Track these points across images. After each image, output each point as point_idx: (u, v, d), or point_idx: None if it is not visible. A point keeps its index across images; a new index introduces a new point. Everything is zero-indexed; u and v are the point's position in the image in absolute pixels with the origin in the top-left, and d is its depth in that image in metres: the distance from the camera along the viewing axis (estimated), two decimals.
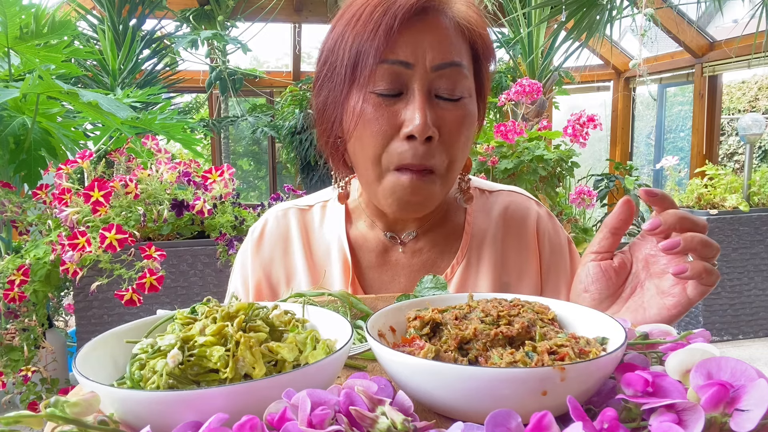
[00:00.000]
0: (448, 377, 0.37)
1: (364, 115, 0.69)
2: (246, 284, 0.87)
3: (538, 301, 0.53)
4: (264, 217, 0.89)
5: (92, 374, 0.40)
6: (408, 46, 0.68)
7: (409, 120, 0.67)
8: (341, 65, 0.70)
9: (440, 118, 0.69)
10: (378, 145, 0.69)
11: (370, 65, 0.67)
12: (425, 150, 0.68)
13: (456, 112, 0.70)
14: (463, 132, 0.71)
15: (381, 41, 0.66)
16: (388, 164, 0.70)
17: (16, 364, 1.81)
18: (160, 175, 1.97)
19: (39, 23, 1.98)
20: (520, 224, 0.86)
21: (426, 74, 0.68)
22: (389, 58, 0.67)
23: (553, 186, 2.78)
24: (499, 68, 5.23)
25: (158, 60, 4.39)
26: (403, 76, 0.68)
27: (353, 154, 0.75)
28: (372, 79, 0.68)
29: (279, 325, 0.49)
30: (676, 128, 6.63)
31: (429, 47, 0.68)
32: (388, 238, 0.84)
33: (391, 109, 0.69)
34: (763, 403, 0.32)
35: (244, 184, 7.12)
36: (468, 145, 0.74)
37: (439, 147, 0.69)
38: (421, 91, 0.68)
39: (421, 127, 0.66)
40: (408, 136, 0.67)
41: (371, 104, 0.69)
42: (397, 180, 0.70)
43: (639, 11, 3.65)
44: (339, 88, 0.71)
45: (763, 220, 3.56)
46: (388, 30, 0.66)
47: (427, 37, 0.68)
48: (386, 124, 0.69)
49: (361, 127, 0.70)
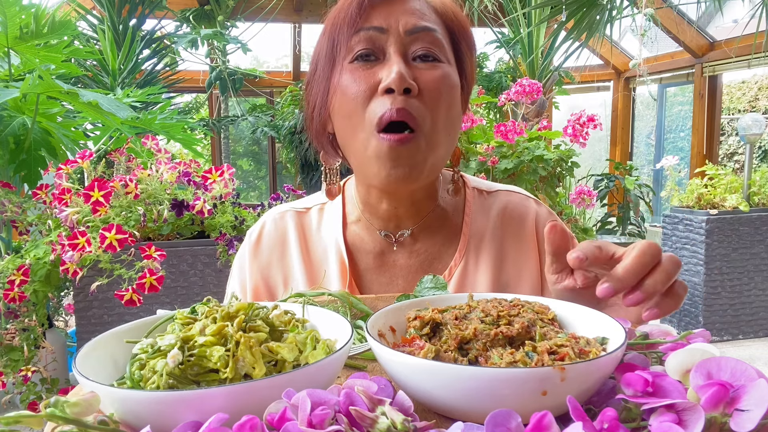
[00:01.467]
0: (448, 377, 0.37)
1: (342, 82, 0.71)
2: (244, 287, 0.86)
3: (538, 301, 0.53)
4: (261, 220, 0.89)
5: (92, 374, 0.40)
6: (380, 14, 0.71)
7: (386, 76, 0.69)
8: (323, 53, 0.74)
9: (418, 77, 0.70)
10: (358, 105, 0.70)
11: (345, 37, 0.71)
12: (404, 101, 0.68)
13: (434, 72, 0.71)
14: (442, 91, 0.71)
15: (354, 13, 0.70)
16: (371, 126, 0.69)
17: (16, 364, 1.81)
18: (160, 175, 1.97)
19: (39, 23, 1.98)
20: (519, 223, 0.85)
21: (400, 38, 0.70)
22: (363, 26, 0.71)
23: (553, 186, 2.78)
24: (499, 68, 5.23)
25: (158, 60, 4.39)
26: (379, 41, 0.70)
27: (338, 129, 0.75)
28: (348, 49, 0.71)
29: (279, 325, 0.49)
30: (676, 128, 6.63)
31: (401, 14, 0.71)
32: (383, 237, 0.83)
33: (369, 72, 0.70)
34: (763, 403, 0.32)
35: (244, 184, 7.12)
36: (451, 112, 0.73)
37: (419, 105, 0.69)
38: (397, 52, 0.70)
39: (398, 77, 0.67)
40: (386, 90, 0.68)
41: (348, 72, 0.71)
42: (381, 145, 0.69)
43: (639, 11, 3.65)
44: (322, 73, 0.74)
45: (763, 220, 3.56)
46: (360, 3, 0.70)
47: (399, 7, 0.72)
48: (364, 85, 0.70)
49: (340, 94, 0.72)
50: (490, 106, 4.79)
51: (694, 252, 3.60)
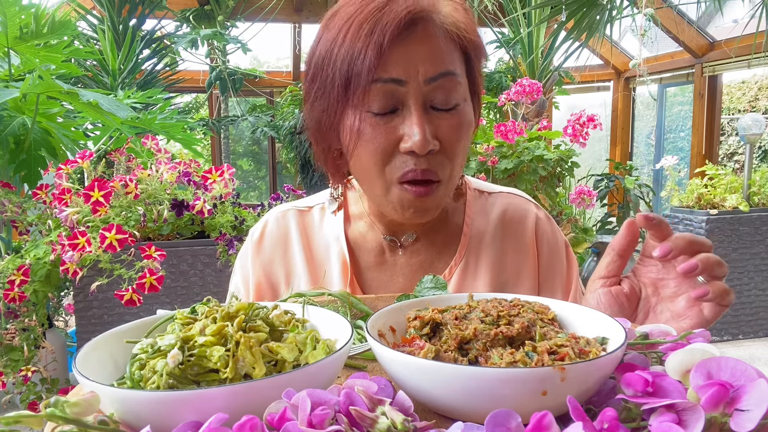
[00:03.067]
0: (448, 377, 0.37)
1: (363, 135, 0.69)
2: (247, 284, 0.87)
3: (538, 301, 0.53)
4: (264, 219, 0.90)
5: (92, 374, 0.40)
6: (400, 63, 0.66)
7: (408, 135, 0.67)
8: (332, 85, 0.69)
9: (438, 129, 0.69)
10: (379, 162, 0.70)
11: (362, 85, 0.66)
12: (427, 162, 0.68)
13: (453, 121, 0.70)
14: (462, 139, 0.72)
15: (372, 60, 0.65)
16: (392, 178, 0.70)
17: (16, 364, 1.81)
18: (160, 175, 1.97)
19: (39, 23, 1.98)
20: (519, 226, 0.86)
21: (420, 88, 0.67)
22: (382, 77, 0.66)
23: (553, 186, 2.78)
24: (499, 68, 5.23)
25: (158, 60, 4.38)
26: (398, 93, 0.67)
27: (355, 171, 0.75)
28: (366, 98, 0.67)
29: (279, 325, 0.49)
30: (676, 128, 6.63)
31: (421, 61, 0.67)
32: (388, 242, 0.84)
33: (389, 126, 0.68)
34: (763, 403, 0.32)
35: (244, 184, 7.12)
36: (467, 148, 0.74)
37: (440, 157, 0.70)
38: (416, 106, 0.67)
39: (421, 142, 0.66)
40: (409, 151, 0.68)
41: (368, 124, 0.68)
42: (404, 194, 0.70)
43: (639, 11, 3.65)
44: (333, 108, 0.70)
45: (763, 220, 3.56)
46: (379, 48, 0.65)
47: (418, 50, 0.67)
48: (385, 141, 0.68)
49: (360, 146, 0.70)
50: (490, 106, 4.78)
51: None
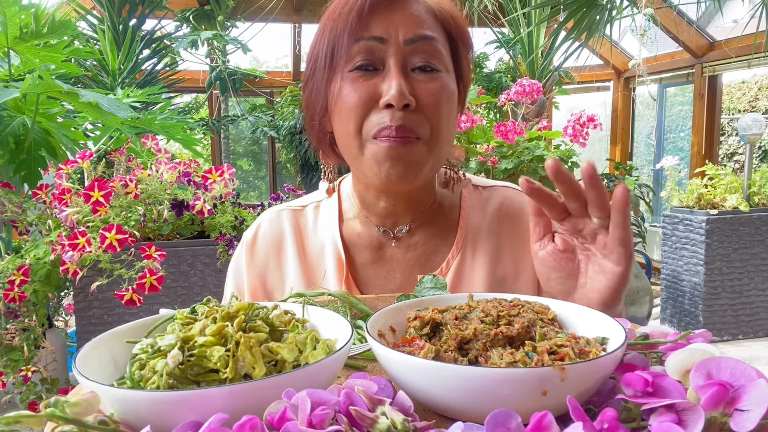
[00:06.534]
0: (448, 377, 0.37)
1: (343, 91, 0.72)
2: (241, 289, 0.87)
3: (538, 301, 0.53)
4: (257, 222, 0.90)
5: (92, 374, 0.40)
6: (380, 23, 0.71)
7: (386, 91, 0.70)
8: (322, 56, 0.74)
9: (416, 89, 0.71)
10: (357, 116, 0.71)
11: (345, 46, 0.71)
12: (403, 118, 0.70)
13: (432, 84, 0.72)
14: (441, 102, 0.73)
15: (354, 21, 0.70)
16: (368, 134, 0.72)
17: (16, 364, 1.81)
18: (160, 175, 1.97)
19: (39, 23, 1.98)
20: (516, 219, 0.86)
21: (399, 48, 0.71)
22: (363, 36, 0.71)
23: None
24: (499, 68, 5.23)
25: (158, 60, 4.38)
26: (378, 52, 0.71)
27: (337, 133, 0.77)
28: (348, 58, 0.71)
29: (279, 325, 0.49)
30: (676, 128, 6.63)
31: (400, 23, 0.71)
32: (381, 233, 0.84)
33: (369, 83, 0.71)
34: (763, 403, 0.32)
35: (244, 184, 7.12)
36: (450, 119, 0.75)
37: (419, 116, 0.71)
38: (396, 65, 0.71)
39: (397, 93, 0.68)
40: (386, 105, 0.70)
41: (349, 81, 0.72)
42: (378, 147, 0.71)
43: (639, 11, 3.65)
44: (321, 77, 0.74)
45: (763, 220, 3.56)
46: (360, 11, 0.70)
47: (398, 14, 0.72)
48: (365, 96, 0.71)
49: (340, 103, 0.73)
50: (490, 106, 4.79)
51: (694, 252, 3.60)
